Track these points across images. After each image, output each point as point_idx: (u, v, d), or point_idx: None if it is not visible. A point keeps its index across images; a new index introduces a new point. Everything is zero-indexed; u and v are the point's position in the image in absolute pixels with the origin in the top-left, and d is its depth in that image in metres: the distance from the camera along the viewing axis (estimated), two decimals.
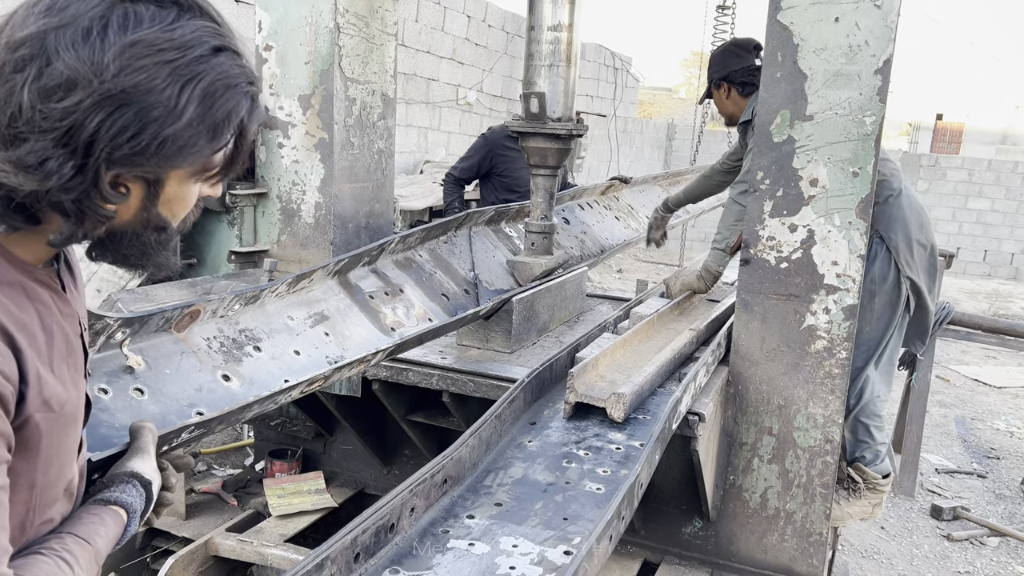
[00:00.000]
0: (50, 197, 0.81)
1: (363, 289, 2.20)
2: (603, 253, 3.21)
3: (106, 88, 0.78)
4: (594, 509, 1.54)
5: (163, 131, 0.81)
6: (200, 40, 0.84)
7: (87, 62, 0.77)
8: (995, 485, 4.83)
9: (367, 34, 3.02)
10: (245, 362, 1.74)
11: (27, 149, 0.78)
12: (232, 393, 1.65)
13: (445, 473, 1.55)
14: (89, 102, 0.78)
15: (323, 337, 1.97)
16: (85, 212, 0.84)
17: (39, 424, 0.88)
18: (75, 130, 0.78)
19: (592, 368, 2.03)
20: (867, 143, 2.15)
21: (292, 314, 1.95)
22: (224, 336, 1.75)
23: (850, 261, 2.21)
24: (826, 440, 2.30)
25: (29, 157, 0.78)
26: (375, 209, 3.21)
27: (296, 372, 1.80)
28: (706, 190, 3.33)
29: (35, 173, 0.79)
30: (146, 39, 0.80)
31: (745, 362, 2.34)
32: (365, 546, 1.28)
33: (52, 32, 0.78)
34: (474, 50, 10.50)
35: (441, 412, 2.55)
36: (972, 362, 7.67)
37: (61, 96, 0.77)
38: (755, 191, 2.28)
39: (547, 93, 2.52)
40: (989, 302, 10.49)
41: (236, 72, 0.87)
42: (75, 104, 0.77)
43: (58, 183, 0.79)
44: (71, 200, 0.81)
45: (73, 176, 0.80)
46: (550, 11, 2.51)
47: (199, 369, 1.63)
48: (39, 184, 0.79)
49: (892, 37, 2.10)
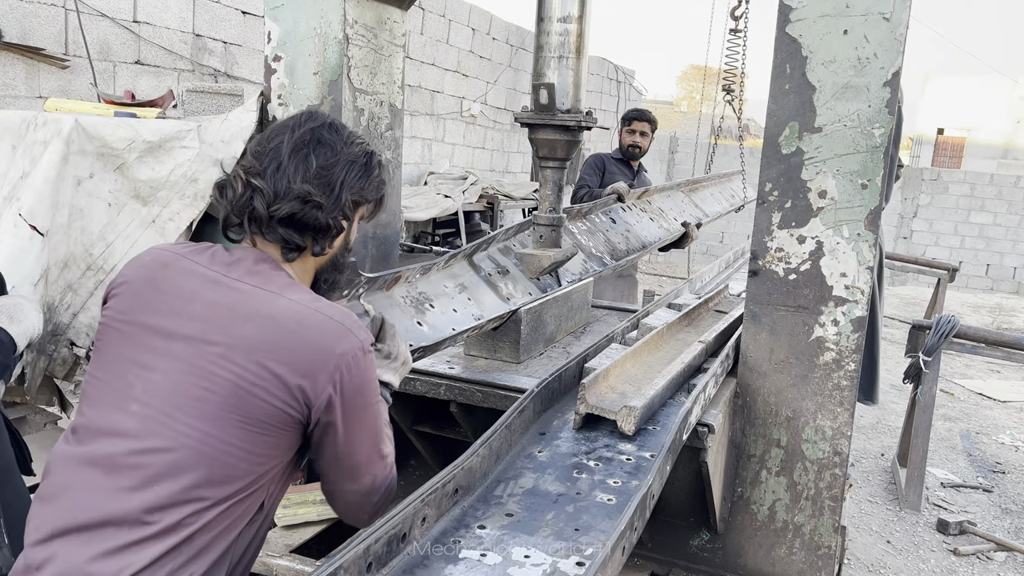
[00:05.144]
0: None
1: (483, 268, 2.76)
2: (644, 248, 3.70)
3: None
4: (605, 520, 1.53)
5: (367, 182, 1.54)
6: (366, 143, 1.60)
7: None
8: (1001, 499, 4.81)
9: (375, 45, 3.03)
10: (428, 314, 2.37)
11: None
12: (425, 334, 2.28)
13: (456, 483, 1.55)
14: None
15: (467, 301, 2.57)
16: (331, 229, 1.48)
17: None
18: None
19: (603, 379, 2.03)
20: (876, 155, 2.16)
21: (446, 284, 2.56)
22: (412, 295, 2.39)
23: (859, 273, 2.21)
24: (835, 452, 2.29)
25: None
26: (382, 219, 3.21)
27: (457, 324, 2.42)
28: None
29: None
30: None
31: (753, 374, 2.34)
32: (377, 556, 1.28)
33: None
34: (478, 63, 10.55)
35: (448, 422, 2.55)
36: (976, 376, 7.66)
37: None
38: (763, 202, 2.28)
39: (556, 84, 2.51)
40: (992, 316, 10.48)
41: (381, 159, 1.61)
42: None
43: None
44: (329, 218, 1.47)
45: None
46: (559, 2, 2.50)
47: (403, 316, 2.26)
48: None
49: (901, 50, 2.11)
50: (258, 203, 1.42)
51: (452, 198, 8.35)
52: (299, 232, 1.45)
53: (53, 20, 5.27)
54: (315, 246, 1.48)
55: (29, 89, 5.17)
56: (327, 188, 1.45)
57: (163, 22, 6.00)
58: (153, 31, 5.93)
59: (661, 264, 13.32)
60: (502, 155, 11.52)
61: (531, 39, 2.91)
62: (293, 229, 1.44)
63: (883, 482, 4.93)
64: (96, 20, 5.50)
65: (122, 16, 5.69)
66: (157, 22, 5.95)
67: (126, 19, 5.73)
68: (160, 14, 5.96)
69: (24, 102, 5.11)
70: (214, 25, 6.50)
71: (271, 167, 1.44)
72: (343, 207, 1.48)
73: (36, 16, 5.17)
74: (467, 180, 9.07)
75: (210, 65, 6.50)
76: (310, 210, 1.43)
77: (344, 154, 1.49)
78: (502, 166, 11.53)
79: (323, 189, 1.45)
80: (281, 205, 1.42)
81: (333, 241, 1.51)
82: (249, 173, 1.45)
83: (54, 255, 2.89)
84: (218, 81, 6.47)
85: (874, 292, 2.55)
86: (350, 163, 1.49)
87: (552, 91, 2.51)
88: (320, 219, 1.45)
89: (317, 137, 1.48)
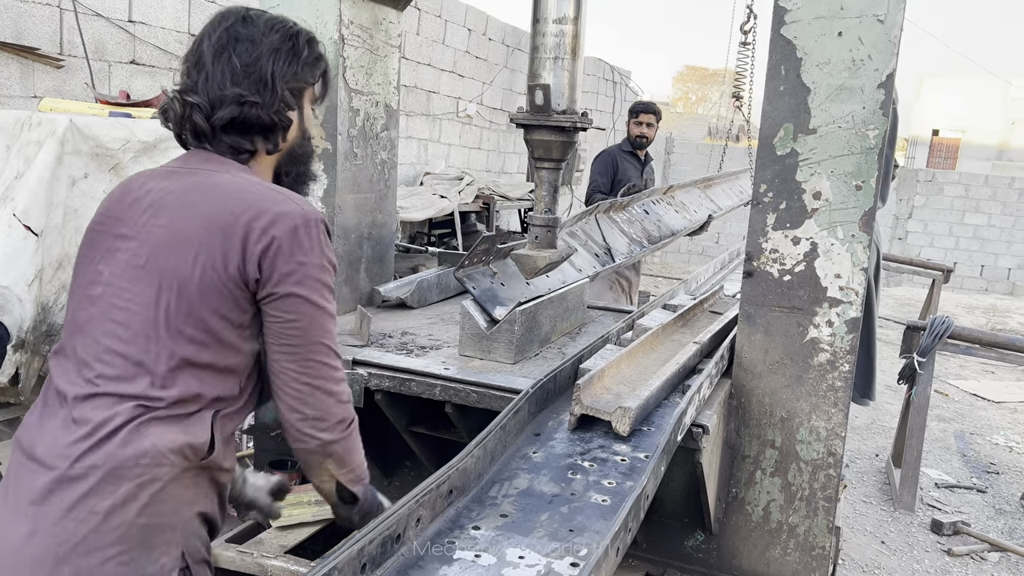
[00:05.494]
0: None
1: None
2: (673, 235, 4.19)
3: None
4: (600, 521, 1.53)
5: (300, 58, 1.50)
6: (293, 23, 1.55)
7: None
8: (995, 500, 4.82)
9: (371, 46, 3.03)
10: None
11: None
12: (532, 292, 2.77)
13: (451, 484, 1.55)
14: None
15: (566, 263, 3.06)
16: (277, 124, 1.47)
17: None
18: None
19: (597, 380, 2.03)
20: (870, 156, 2.16)
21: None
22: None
23: (853, 274, 2.22)
24: (829, 453, 2.29)
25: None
26: (378, 219, 3.22)
27: (552, 286, 2.92)
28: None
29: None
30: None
31: (748, 374, 2.34)
32: (372, 556, 1.27)
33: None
34: (474, 63, 10.54)
35: (443, 423, 2.55)
36: (971, 376, 7.68)
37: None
38: (757, 203, 2.28)
39: (552, 85, 2.51)
40: (987, 317, 10.51)
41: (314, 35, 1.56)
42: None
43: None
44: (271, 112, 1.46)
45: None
46: (555, 4, 2.50)
47: (519, 278, 2.76)
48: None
49: (895, 52, 2.12)
50: (197, 118, 1.43)
51: (448, 198, 8.35)
52: (245, 135, 1.45)
53: (48, 19, 5.25)
54: (267, 144, 1.48)
55: (24, 89, 5.16)
56: (259, 84, 1.43)
57: (158, 22, 5.99)
58: (148, 31, 5.91)
59: (657, 265, 13.34)
60: (498, 155, 11.52)
61: (527, 40, 2.91)
62: (238, 134, 1.45)
63: (877, 483, 4.94)
64: (91, 20, 5.49)
65: (117, 16, 5.68)
66: (152, 22, 5.94)
67: (121, 19, 5.72)
68: (155, 14, 5.95)
69: (19, 102, 5.10)
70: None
71: (200, 79, 1.44)
72: (282, 99, 1.46)
73: (31, 16, 5.15)
74: (463, 180, 9.06)
75: None
76: (248, 111, 1.42)
77: (265, 44, 1.46)
78: (498, 166, 11.53)
79: (255, 86, 1.43)
80: (219, 114, 1.42)
81: (285, 135, 1.50)
82: (184, 91, 1.45)
83: (48, 255, 2.88)
84: None
85: (870, 292, 2.56)
86: (274, 51, 1.46)
87: (548, 92, 2.51)
88: (262, 117, 1.44)
89: (233, 35, 1.45)
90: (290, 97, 1.48)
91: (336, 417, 1.44)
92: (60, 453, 1.29)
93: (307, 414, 1.41)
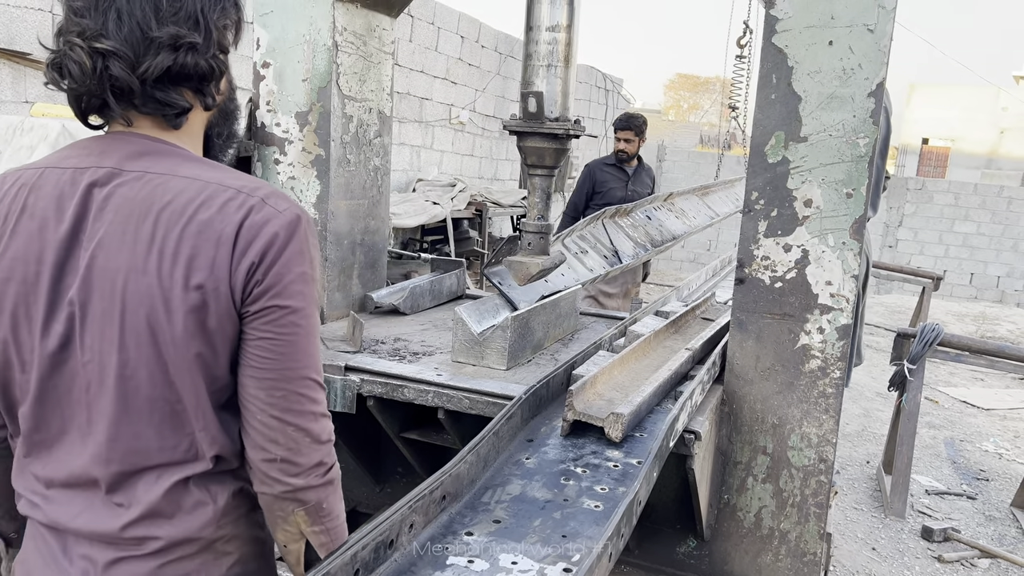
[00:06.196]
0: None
1: (572, 248, 3.47)
2: (674, 239, 4.37)
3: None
4: (593, 526, 1.53)
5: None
6: None
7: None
8: (985, 507, 4.84)
9: (365, 52, 3.04)
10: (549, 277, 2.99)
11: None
12: (550, 288, 2.99)
13: (444, 489, 1.55)
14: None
15: (567, 269, 3.27)
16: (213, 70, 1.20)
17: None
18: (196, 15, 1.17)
19: (590, 386, 2.04)
20: (860, 165, 2.18)
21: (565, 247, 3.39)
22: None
23: (844, 281, 2.23)
24: (820, 460, 2.30)
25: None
26: (371, 226, 3.22)
27: (567, 283, 3.16)
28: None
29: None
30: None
31: (740, 381, 2.35)
32: (365, 562, 1.27)
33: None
34: (467, 70, 10.57)
35: (435, 429, 2.55)
36: (960, 384, 7.72)
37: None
38: (749, 211, 2.30)
39: (545, 93, 2.53)
40: (976, 324, 10.57)
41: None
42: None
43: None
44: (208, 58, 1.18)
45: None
46: (547, 12, 2.52)
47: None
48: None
49: (885, 61, 2.14)
50: (118, 70, 1.11)
51: (440, 205, 8.36)
52: (178, 88, 1.17)
53: (40, 24, 5.24)
54: (205, 99, 1.22)
55: (15, 94, 5.14)
56: (190, 21, 1.16)
57: None
58: None
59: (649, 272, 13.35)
60: (490, 162, 11.54)
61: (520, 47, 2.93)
62: (173, 88, 1.16)
63: (868, 489, 4.96)
64: None
65: None
66: None
67: None
68: None
69: (11, 107, 5.08)
70: None
71: (110, 19, 1.11)
72: (217, 39, 1.20)
73: (23, 21, 5.15)
74: (455, 187, 9.07)
75: None
76: (185, 56, 1.14)
77: None
78: (490, 173, 11.55)
79: (187, 24, 1.15)
80: (149, 63, 1.12)
81: (219, 85, 1.25)
82: (87, 37, 1.10)
83: None
84: None
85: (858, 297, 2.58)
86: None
87: (540, 99, 2.53)
88: (201, 64, 1.17)
89: None
90: (223, 38, 1.23)
91: (311, 460, 1.20)
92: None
93: (275, 455, 1.18)
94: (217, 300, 1.12)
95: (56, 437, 1.19)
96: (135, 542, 1.17)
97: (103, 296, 1.12)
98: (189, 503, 1.19)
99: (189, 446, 1.18)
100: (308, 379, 1.19)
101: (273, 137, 2.97)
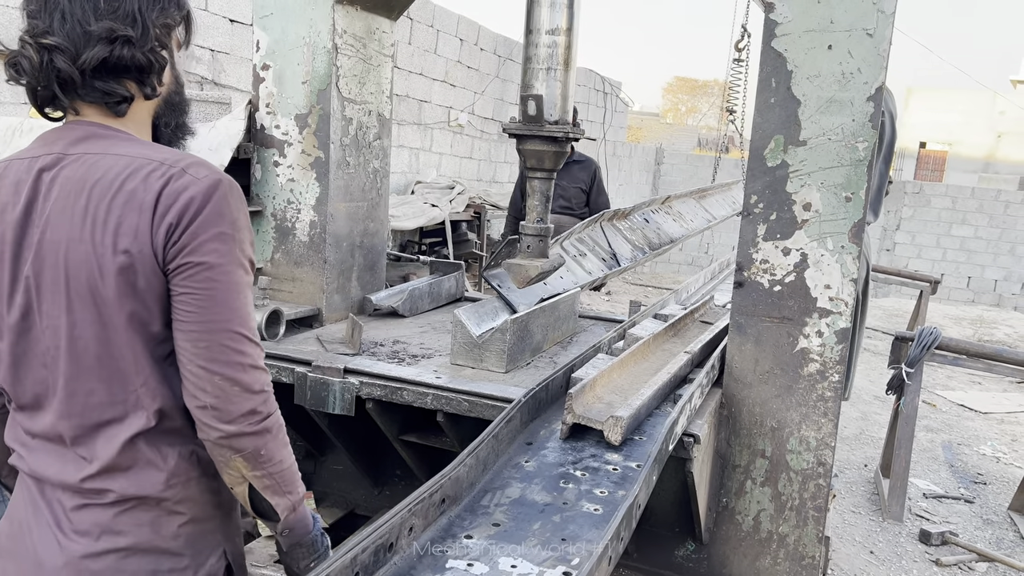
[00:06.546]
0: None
1: (570, 251, 3.55)
2: (672, 242, 4.41)
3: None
4: (592, 530, 1.53)
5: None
6: None
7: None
8: (982, 510, 4.85)
9: (364, 55, 3.04)
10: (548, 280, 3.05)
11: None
12: (549, 291, 3.09)
13: (443, 493, 1.55)
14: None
15: (566, 271, 3.34)
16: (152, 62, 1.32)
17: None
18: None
19: (589, 389, 2.04)
20: (859, 168, 2.19)
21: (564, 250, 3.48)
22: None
23: (843, 285, 2.23)
24: (819, 463, 2.31)
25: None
26: (369, 228, 3.22)
27: (567, 286, 3.24)
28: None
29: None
30: None
31: (739, 384, 2.35)
32: (364, 565, 1.27)
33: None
34: (466, 73, 10.58)
35: (434, 432, 2.55)
36: (958, 387, 7.73)
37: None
38: (748, 214, 2.30)
39: (544, 96, 2.53)
40: (973, 328, 10.58)
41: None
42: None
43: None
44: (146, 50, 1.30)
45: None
46: (547, 15, 2.52)
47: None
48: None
49: (884, 65, 2.14)
50: (61, 63, 1.26)
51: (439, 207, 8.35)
52: (118, 79, 1.31)
53: None
54: (144, 88, 1.34)
55: (14, 95, 5.14)
56: (127, 18, 1.29)
57: None
58: None
59: (647, 275, 13.37)
60: (489, 165, 11.55)
61: (519, 50, 2.94)
62: (111, 78, 1.30)
63: (866, 493, 4.96)
64: None
65: None
66: None
67: None
68: None
69: (9, 108, 5.08)
70: (201, 32, 6.48)
71: (55, 19, 1.27)
72: (155, 35, 1.32)
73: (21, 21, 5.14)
74: (454, 189, 9.07)
75: (197, 73, 6.48)
76: (120, 49, 1.28)
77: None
78: (489, 176, 11.55)
79: (124, 21, 1.29)
80: (87, 55, 1.26)
81: (160, 78, 1.36)
82: (35, 35, 1.28)
83: None
84: (204, 89, 6.45)
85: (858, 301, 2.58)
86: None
87: (540, 102, 2.53)
88: (137, 56, 1.30)
89: None
90: (162, 34, 1.35)
91: (241, 408, 1.28)
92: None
93: (204, 402, 1.27)
94: (142, 262, 1.24)
95: (32, 396, 1.34)
96: (95, 492, 1.30)
97: (52, 266, 1.27)
98: (141, 461, 1.31)
99: (136, 401, 1.30)
100: (232, 331, 1.28)
101: (272, 139, 2.97)
